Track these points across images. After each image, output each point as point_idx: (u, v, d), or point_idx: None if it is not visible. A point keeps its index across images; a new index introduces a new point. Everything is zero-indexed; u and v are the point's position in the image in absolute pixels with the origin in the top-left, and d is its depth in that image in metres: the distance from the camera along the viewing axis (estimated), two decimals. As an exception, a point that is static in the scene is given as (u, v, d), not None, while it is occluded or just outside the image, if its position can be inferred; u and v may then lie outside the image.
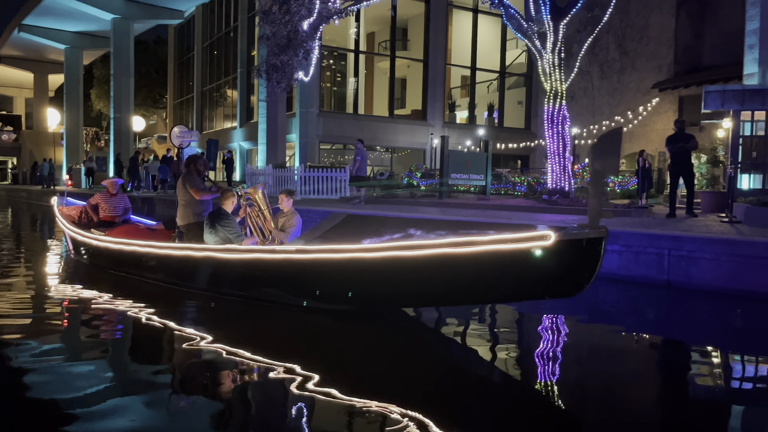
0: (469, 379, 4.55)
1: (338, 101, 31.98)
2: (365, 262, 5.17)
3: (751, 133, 12.90)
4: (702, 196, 13.84)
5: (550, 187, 15.16)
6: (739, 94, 12.40)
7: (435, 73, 30.42)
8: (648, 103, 26.07)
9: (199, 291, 6.77)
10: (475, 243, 4.56)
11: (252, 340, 5.21)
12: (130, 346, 5.32)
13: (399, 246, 4.99)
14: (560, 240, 4.23)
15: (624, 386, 4.47)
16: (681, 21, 26.33)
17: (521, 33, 15.24)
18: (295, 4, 14.66)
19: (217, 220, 6.65)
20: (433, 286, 5.08)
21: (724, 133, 14.76)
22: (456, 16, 32.26)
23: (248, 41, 32.43)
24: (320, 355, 4.84)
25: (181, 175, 7.30)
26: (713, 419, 3.86)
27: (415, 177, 20.67)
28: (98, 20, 35.01)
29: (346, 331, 5.51)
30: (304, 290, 5.84)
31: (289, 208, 7.21)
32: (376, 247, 5.12)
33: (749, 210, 10.05)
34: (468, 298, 5.43)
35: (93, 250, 8.28)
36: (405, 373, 4.49)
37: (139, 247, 7.33)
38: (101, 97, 48.14)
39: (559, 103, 14.83)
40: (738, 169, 12.31)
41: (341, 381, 4.07)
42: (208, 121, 39.96)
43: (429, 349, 5.26)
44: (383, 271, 5.12)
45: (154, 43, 52.01)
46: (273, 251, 5.94)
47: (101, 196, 9.15)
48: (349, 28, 29.48)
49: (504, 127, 33.05)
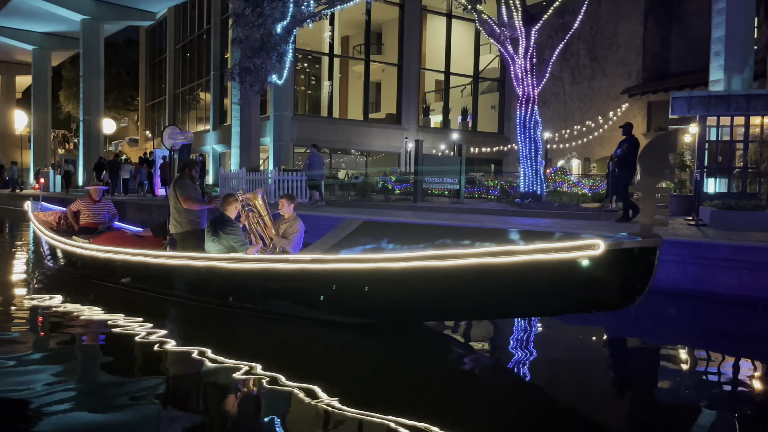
0: (491, 392, 4.33)
1: (313, 104, 31.91)
2: (392, 272, 4.81)
3: (716, 138, 13.22)
4: (669, 200, 14.14)
5: (523, 190, 15.36)
6: (705, 100, 12.70)
7: (409, 77, 30.56)
8: (618, 109, 26.57)
9: (201, 303, 6.33)
10: (516, 252, 4.28)
11: (266, 354, 4.91)
12: (128, 364, 4.83)
13: (429, 256, 4.64)
14: (610, 249, 3.97)
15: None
16: (649, 28, 26.92)
17: (494, 38, 15.43)
18: (268, 8, 14.63)
19: (221, 227, 6.22)
20: (466, 299, 4.77)
21: (691, 138, 15.11)
22: (430, 20, 32.48)
23: (221, 44, 32.19)
24: (339, 371, 4.59)
25: (173, 180, 6.83)
26: (679, 419, 3.96)
27: (390, 181, 20.73)
28: (67, 21, 34.40)
29: (364, 344, 5.20)
30: (321, 302, 5.44)
31: (290, 214, 6.80)
32: (404, 257, 4.77)
33: (715, 213, 10.30)
34: (505, 311, 5.12)
35: (76, 259, 7.65)
36: (434, 391, 4.23)
37: (131, 255, 6.78)
38: (70, 98, 47.27)
39: (531, 107, 15.04)
40: (704, 173, 12.59)
41: (362, 398, 3.94)
42: (180, 124, 39.46)
43: (453, 361, 5.00)
44: (411, 283, 4.78)
45: (125, 45, 51.25)
46: (286, 260, 5.52)
47: (83, 202, 8.58)
48: (324, 31, 29.46)
49: (477, 131, 33.35)
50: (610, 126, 26.91)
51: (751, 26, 16.36)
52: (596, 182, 19.59)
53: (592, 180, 20.39)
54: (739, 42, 15.61)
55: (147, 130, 44.65)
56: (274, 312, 5.82)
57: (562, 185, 18.31)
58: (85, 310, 6.43)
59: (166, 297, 6.64)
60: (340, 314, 5.40)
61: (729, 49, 15.57)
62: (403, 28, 30.33)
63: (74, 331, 5.75)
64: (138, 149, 45.43)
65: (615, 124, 26.97)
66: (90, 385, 4.41)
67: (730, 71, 15.53)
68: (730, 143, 13.21)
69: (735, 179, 13.12)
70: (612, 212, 12.71)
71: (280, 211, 6.83)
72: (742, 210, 10.26)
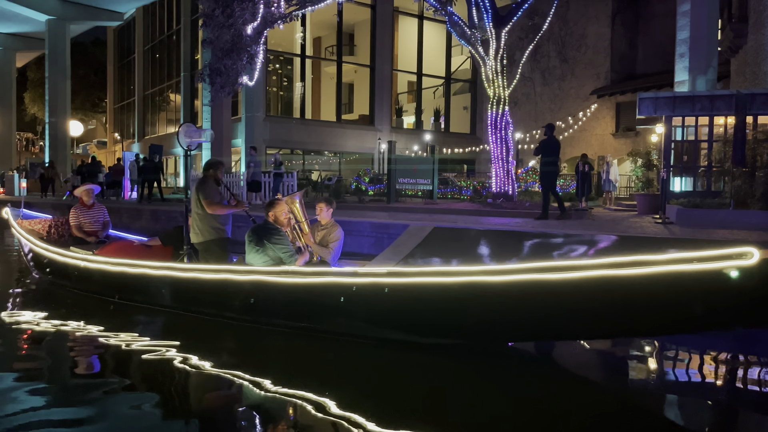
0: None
1: (285, 106, 31.74)
2: (492, 286, 4.21)
3: (682, 138, 13.51)
4: (637, 199, 14.41)
5: (495, 190, 15.49)
6: (671, 101, 12.96)
7: (382, 78, 30.61)
8: (587, 109, 26.99)
9: (240, 322, 5.58)
10: (648, 263, 3.78)
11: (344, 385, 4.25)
12: (164, 393, 4.24)
13: (539, 268, 4.06)
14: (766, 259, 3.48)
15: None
16: (616, 30, 27.42)
17: (465, 40, 15.55)
18: (238, 8, 14.50)
19: (267, 236, 5.50)
20: (586, 317, 4.20)
21: (658, 137, 15.42)
22: (402, 22, 32.58)
23: (192, 44, 31.82)
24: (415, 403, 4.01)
25: (196, 184, 6.14)
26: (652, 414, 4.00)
27: (363, 182, 20.72)
28: (32, 21, 33.67)
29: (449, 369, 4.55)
30: (399, 322, 4.79)
31: (328, 220, 6.16)
32: (507, 269, 4.17)
33: (681, 211, 10.54)
34: (630, 329, 4.49)
35: (80, 273, 6.79)
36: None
37: (151, 269, 5.99)
38: (36, 100, 46.23)
39: (502, 108, 15.18)
40: (670, 172, 12.85)
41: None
42: (150, 126, 38.94)
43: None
44: (516, 299, 4.21)
45: (92, 45, 50.30)
46: (355, 274, 4.80)
47: (79, 211, 7.70)
48: (295, 32, 29.34)
49: (450, 132, 33.56)
50: (580, 126, 27.33)
51: (714, 28, 16.79)
52: (566, 182, 19.85)
53: (563, 180, 20.66)
54: (704, 44, 16.00)
55: (116, 133, 43.88)
56: (335, 333, 5.11)
57: (533, 185, 18.52)
58: (108, 334, 5.44)
59: (196, 315, 5.88)
60: (423, 335, 4.76)
61: (693, 50, 15.95)
62: (375, 29, 30.37)
63: (107, 358, 4.95)
64: (107, 152, 44.64)
65: (585, 125, 27.41)
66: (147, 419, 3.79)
67: (695, 72, 15.90)
68: (695, 143, 13.51)
69: (700, 178, 13.42)
70: (582, 211, 12.91)
71: (318, 216, 6.23)
72: (708, 208, 10.52)
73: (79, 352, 5.21)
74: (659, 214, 11.04)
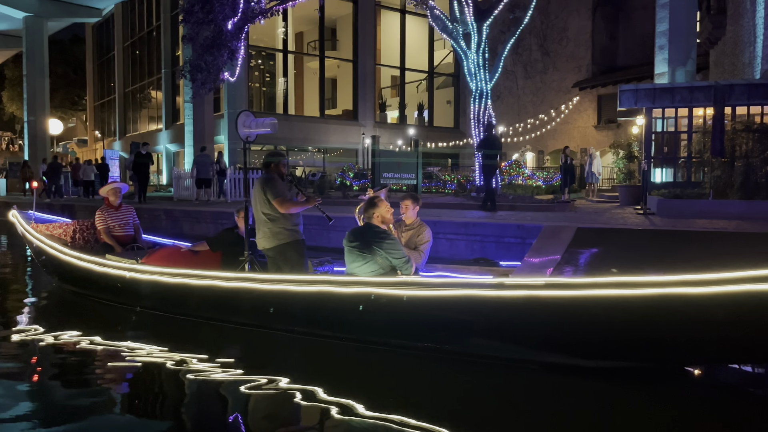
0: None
1: (268, 101, 31.57)
2: (687, 299, 3.47)
3: (662, 130, 13.63)
4: (619, 190, 14.54)
5: (479, 184, 15.55)
6: (651, 93, 13.07)
7: (365, 73, 30.54)
8: (569, 102, 27.16)
9: (346, 341, 4.70)
10: None
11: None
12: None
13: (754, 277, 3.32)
14: None
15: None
16: (597, 23, 27.59)
17: (446, 33, 15.55)
18: (218, 4, 14.38)
19: (375, 240, 4.70)
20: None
21: (638, 129, 15.55)
22: (384, 16, 32.51)
23: (172, 41, 31.51)
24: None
25: (259, 181, 5.40)
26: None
27: (348, 177, 20.69)
28: (9, 18, 33.12)
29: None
30: (554, 341, 4.00)
31: (414, 219, 5.44)
32: (709, 279, 3.41)
33: (661, 202, 10.65)
34: None
35: (124, 285, 5.92)
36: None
37: (221, 280, 5.17)
38: (14, 99, 45.55)
39: (484, 102, 15.22)
40: (651, 163, 12.97)
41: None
42: (132, 123, 38.54)
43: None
44: (728, 313, 3.45)
45: (70, 42, 49.60)
46: (501, 286, 4.00)
47: (105, 213, 6.95)
48: (277, 27, 29.16)
49: (434, 126, 33.60)
50: (563, 119, 27.50)
51: (693, 20, 16.96)
52: (550, 174, 19.97)
53: (546, 172, 20.78)
54: (683, 36, 16.15)
55: (96, 130, 43.38)
56: (464, 353, 4.26)
57: (516, 178, 18.61)
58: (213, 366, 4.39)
59: (281, 332, 5.01)
60: (584, 355, 3.97)
61: (673, 42, 16.08)
62: (357, 23, 30.28)
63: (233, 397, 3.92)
64: (87, 150, 44.12)
65: (567, 117, 27.58)
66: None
67: (674, 64, 16.05)
68: (675, 134, 13.65)
69: (680, 169, 13.57)
70: (564, 203, 13.00)
71: (403, 215, 5.48)
72: (688, 198, 10.65)
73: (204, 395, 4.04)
74: (641, 205, 11.15)
